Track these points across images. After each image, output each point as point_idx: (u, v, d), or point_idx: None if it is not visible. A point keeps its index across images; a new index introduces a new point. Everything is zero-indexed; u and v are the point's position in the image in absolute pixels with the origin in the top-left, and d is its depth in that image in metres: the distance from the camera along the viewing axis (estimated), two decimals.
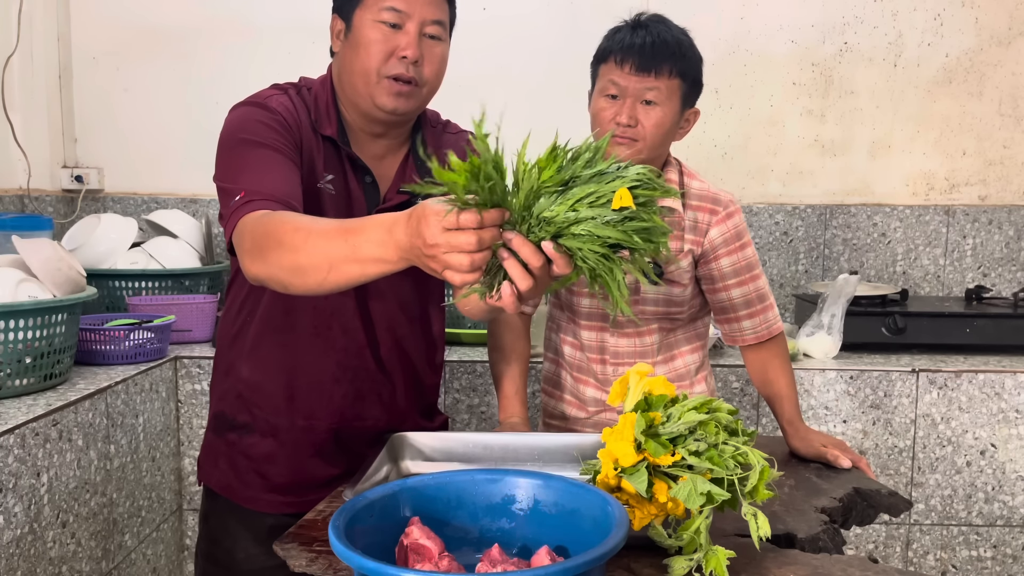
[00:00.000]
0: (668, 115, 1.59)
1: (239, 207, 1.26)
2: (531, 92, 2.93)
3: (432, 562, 0.93)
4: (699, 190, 1.68)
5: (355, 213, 1.46)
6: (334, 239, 1.11)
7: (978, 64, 2.98)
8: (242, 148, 1.36)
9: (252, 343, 1.53)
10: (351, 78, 1.42)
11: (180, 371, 2.33)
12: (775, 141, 3.02)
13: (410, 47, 1.38)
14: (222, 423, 1.59)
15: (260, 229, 1.22)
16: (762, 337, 1.70)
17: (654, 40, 1.55)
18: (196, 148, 2.92)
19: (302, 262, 1.15)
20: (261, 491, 1.55)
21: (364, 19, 1.39)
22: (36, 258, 1.92)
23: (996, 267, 3.03)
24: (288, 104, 1.43)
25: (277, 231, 1.19)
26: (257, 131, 1.37)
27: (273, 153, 1.35)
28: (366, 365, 1.54)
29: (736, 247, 1.67)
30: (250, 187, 1.28)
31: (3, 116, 2.74)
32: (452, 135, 1.59)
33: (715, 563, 1.00)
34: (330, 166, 1.46)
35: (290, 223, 1.19)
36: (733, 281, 1.68)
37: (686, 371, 1.77)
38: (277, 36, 2.94)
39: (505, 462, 1.40)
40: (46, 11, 2.87)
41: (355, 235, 1.09)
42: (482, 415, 2.41)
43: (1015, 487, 2.40)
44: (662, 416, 1.07)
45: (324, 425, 1.54)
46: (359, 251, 1.09)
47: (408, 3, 1.38)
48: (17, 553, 1.61)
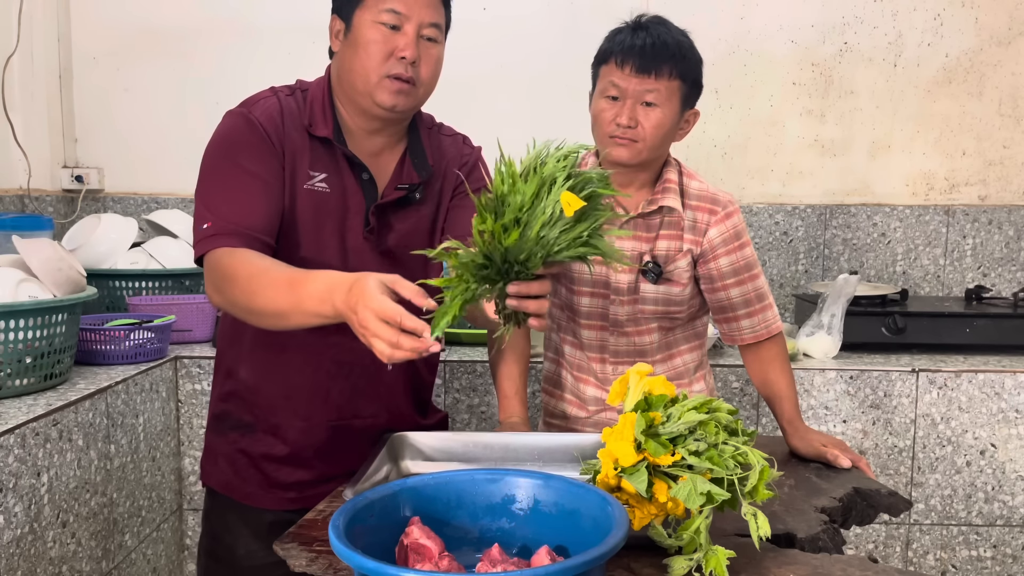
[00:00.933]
0: (668, 116, 1.59)
1: (206, 237, 1.38)
2: (531, 92, 2.93)
3: (432, 562, 0.93)
4: (698, 190, 1.69)
5: (351, 208, 1.49)
6: (281, 290, 1.25)
7: (978, 64, 2.98)
8: (223, 169, 1.44)
9: (250, 344, 1.55)
10: (351, 76, 1.45)
11: (180, 371, 2.33)
12: (775, 141, 3.02)
13: (408, 48, 1.41)
14: (223, 423, 1.60)
15: (220, 269, 1.34)
16: (761, 336, 1.70)
17: (654, 42, 1.56)
18: (196, 148, 2.88)
19: (255, 307, 1.30)
20: (261, 488, 1.57)
21: (364, 20, 1.42)
22: (36, 258, 1.92)
23: (996, 267, 3.03)
24: (274, 108, 1.47)
25: (235, 275, 1.31)
26: (241, 152, 1.43)
27: (252, 180, 1.42)
28: (361, 361, 1.53)
29: (735, 247, 1.67)
30: (218, 217, 1.38)
31: (3, 116, 2.74)
32: (447, 138, 1.62)
33: (715, 563, 1.00)
34: (321, 165, 1.48)
35: (245, 268, 1.31)
36: (732, 281, 1.68)
37: (685, 370, 1.78)
38: (277, 36, 2.94)
39: (505, 462, 1.40)
40: (46, 11, 2.87)
41: (300, 288, 1.23)
42: (482, 415, 2.41)
43: (1015, 487, 2.40)
44: (662, 416, 1.07)
45: (322, 422, 1.55)
46: (302, 304, 1.23)
47: (407, 6, 1.41)
48: (17, 553, 1.61)
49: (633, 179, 1.68)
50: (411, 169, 1.52)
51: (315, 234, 1.47)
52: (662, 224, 1.68)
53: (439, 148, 1.58)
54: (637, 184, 1.68)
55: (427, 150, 1.55)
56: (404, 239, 1.54)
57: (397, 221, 1.53)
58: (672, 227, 1.68)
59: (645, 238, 1.68)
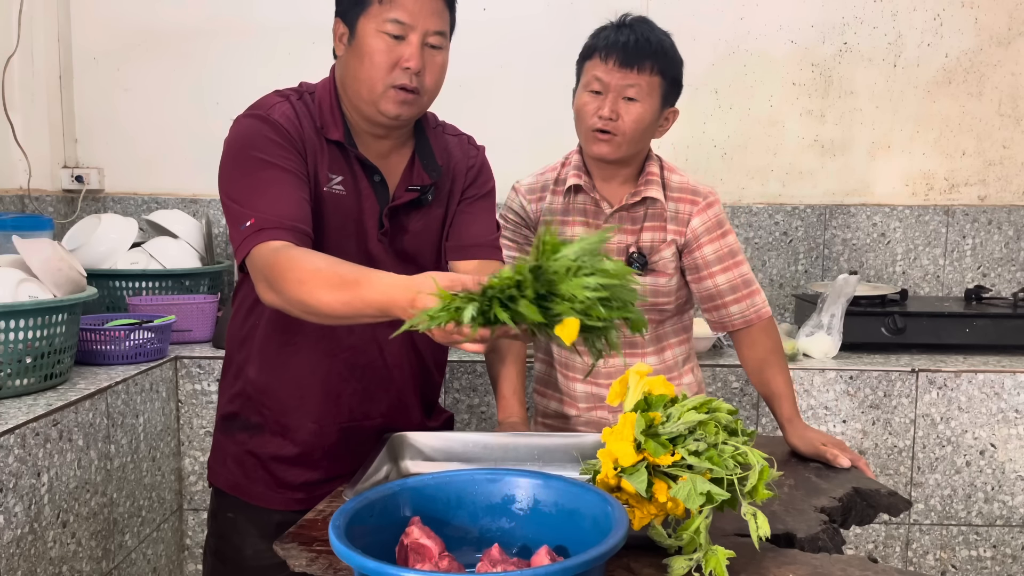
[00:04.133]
0: (648, 111, 1.64)
1: (251, 234, 1.33)
2: (531, 93, 2.93)
3: (432, 562, 0.93)
4: (679, 183, 1.75)
5: (366, 211, 1.50)
6: (338, 292, 1.22)
7: (978, 64, 2.98)
8: (251, 166, 1.39)
9: (260, 345, 1.55)
10: (355, 84, 1.44)
11: (180, 371, 2.33)
12: (775, 141, 3.02)
13: (413, 58, 1.40)
14: (232, 424, 1.60)
15: (274, 266, 1.29)
16: (751, 320, 1.73)
17: (637, 38, 1.62)
18: (196, 148, 2.93)
19: (313, 306, 1.25)
20: (269, 488, 1.57)
21: (368, 28, 1.41)
22: (36, 258, 1.92)
23: (996, 267, 3.03)
24: (290, 113, 1.45)
25: (291, 272, 1.27)
26: (266, 148, 1.40)
27: (282, 173, 1.39)
28: (374, 363, 1.56)
29: (718, 235, 1.72)
30: (261, 213, 1.34)
31: (3, 116, 2.74)
32: (452, 137, 1.63)
33: (715, 563, 1.00)
34: (338, 168, 1.48)
35: (302, 267, 1.26)
36: (717, 268, 1.72)
37: (674, 363, 1.81)
38: (277, 36, 2.94)
39: (505, 462, 1.41)
40: (46, 11, 2.87)
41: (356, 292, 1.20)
42: (482, 415, 2.41)
43: (1015, 487, 2.41)
44: (662, 416, 1.07)
45: (333, 424, 1.55)
46: (360, 310, 1.21)
47: (411, 15, 1.40)
48: (17, 553, 1.61)
49: (616, 174, 1.74)
50: (421, 170, 1.53)
51: (336, 237, 1.46)
52: (646, 216, 1.73)
53: (445, 148, 1.59)
54: (620, 179, 1.74)
55: (435, 150, 1.56)
56: (416, 240, 1.55)
57: (409, 222, 1.54)
58: (656, 219, 1.73)
59: (630, 230, 1.73)
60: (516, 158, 2.88)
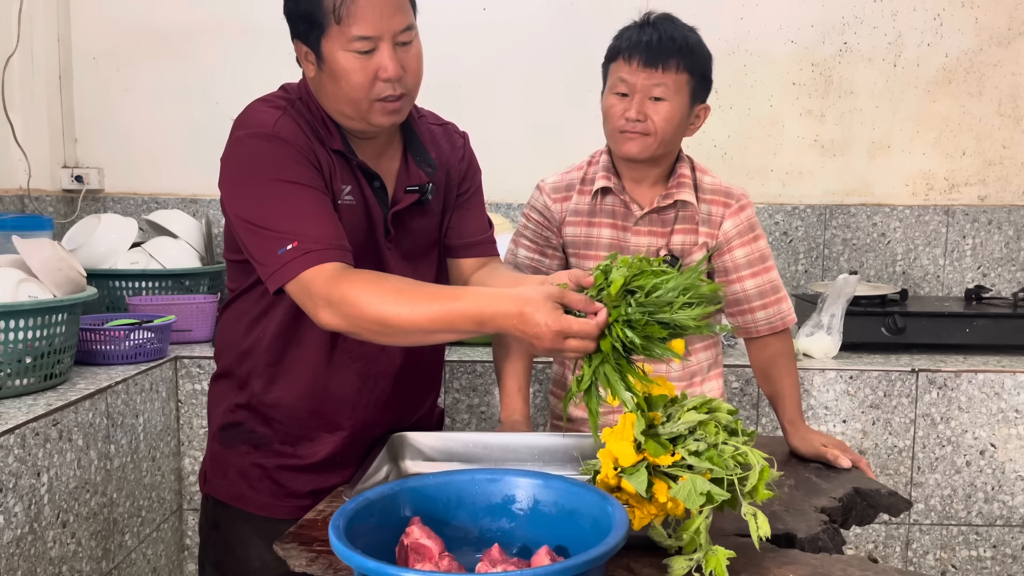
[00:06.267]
0: (677, 109, 1.61)
1: (296, 258, 1.28)
2: (531, 93, 2.93)
3: (432, 562, 0.93)
4: (711, 184, 1.72)
5: (374, 218, 1.46)
6: (426, 306, 1.22)
7: (978, 64, 2.98)
8: (277, 191, 1.34)
9: (266, 358, 1.50)
10: (338, 104, 1.40)
11: (180, 371, 2.33)
12: (775, 141, 3.02)
13: (389, 68, 1.35)
14: (233, 435, 1.55)
15: (340, 288, 1.26)
16: (776, 328, 1.71)
17: (661, 36, 1.58)
18: (196, 148, 2.93)
19: (393, 323, 1.23)
20: (276, 497, 1.53)
21: (333, 50, 1.34)
22: (36, 258, 1.92)
23: (996, 267, 3.03)
24: (294, 127, 1.40)
25: (364, 292, 1.25)
26: (286, 170, 1.34)
27: (311, 192, 1.34)
28: (386, 371, 1.53)
29: (749, 239, 1.69)
30: (303, 236, 1.29)
31: (3, 116, 2.74)
32: (437, 127, 1.59)
33: (715, 563, 1.00)
34: (346, 178, 1.44)
35: (380, 286, 1.26)
36: (747, 272, 1.69)
37: (699, 367, 1.78)
38: (277, 36, 2.90)
39: (505, 462, 1.41)
40: (46, 11, 2.87)
41: (449, 305, 1.22)
42: (482, 415, 2.41)
43: (1015, 487, 2.40)
44: (662, 416, 1.07)
45: (345, 433, 1.52)
46: (454, 324, 1.22)
47: (374, 26, 1.32)
48: (17, 553, 1.61)
49: (646, 175, 1.70)
50: (416, 168, 1.50)
51: (355, 249, 1.40)
52: (676, 218, 1.69)
53: (434, 140, 1.56)
54: (650, 180, 1.70)
55: (425, 144, 1.53)
56: (419, 238, 1.53)
57: (412, 222, 1.52)
58: (687, 221, 1.70)
59: (660, 232, 1.69)
60: (516, 158, 2.89)
